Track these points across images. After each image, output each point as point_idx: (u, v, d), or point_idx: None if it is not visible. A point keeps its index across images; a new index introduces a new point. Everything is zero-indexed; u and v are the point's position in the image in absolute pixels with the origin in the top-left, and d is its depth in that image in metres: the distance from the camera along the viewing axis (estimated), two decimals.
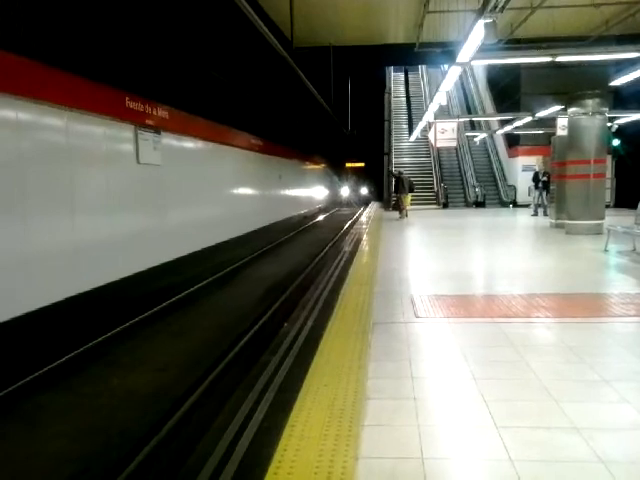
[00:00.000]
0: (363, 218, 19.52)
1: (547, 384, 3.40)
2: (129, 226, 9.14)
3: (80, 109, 7.79)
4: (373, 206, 25.73)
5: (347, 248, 10.66)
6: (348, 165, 39.14)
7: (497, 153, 26.27)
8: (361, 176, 38.99)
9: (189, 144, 11.96)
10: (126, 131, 9.20)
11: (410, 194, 18.73)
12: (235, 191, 15.35)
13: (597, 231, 11.50)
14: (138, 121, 9.46)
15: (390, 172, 23.08)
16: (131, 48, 9.42)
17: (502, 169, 25.37)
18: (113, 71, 8.72)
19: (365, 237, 12.80)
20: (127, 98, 9.07)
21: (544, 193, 17.28)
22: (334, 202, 36.20)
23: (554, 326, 4.86)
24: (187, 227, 11.44)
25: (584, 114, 11.66)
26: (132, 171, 9.38)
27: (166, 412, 4.52)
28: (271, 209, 19.32)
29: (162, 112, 10.33)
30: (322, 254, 13.22)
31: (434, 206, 23.84)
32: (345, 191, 39.27)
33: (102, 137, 8.47)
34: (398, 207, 18.55)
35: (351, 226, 17.74)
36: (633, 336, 4.61)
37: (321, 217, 24.25)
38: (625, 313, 5.20)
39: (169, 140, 10.77)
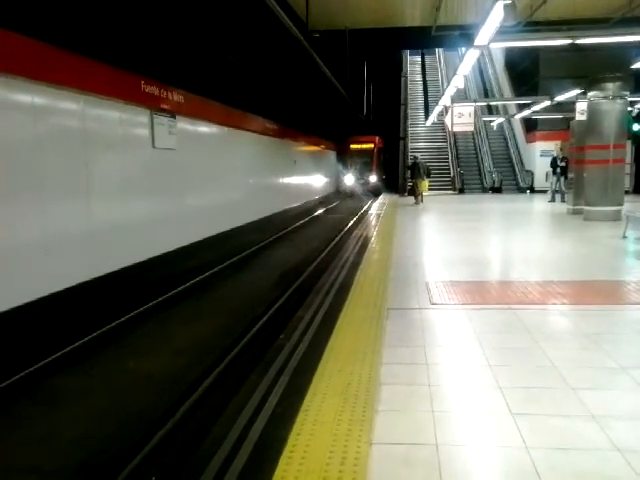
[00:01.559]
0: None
1: (563, 371, 3.37)
2: (145, 210, 9.19)
3: (96, 93, 7.81)
4: (386, 199, 22.41)
5: (361, 233, 10.63)
6: (353, 147, 30.61)
7: (514, 138, 25.93)
8: (370, 160, 30.01)
9: (204, 128, 11.96)
10: (142, 115, 9.22)
11: (427, 179, 18.58)
12: (245, 177, 15.31)
13: (615, 217, 11.33)
14: (154, 105, 9.47)
15: (407, 166, 22.41)
16: (146, 32, 9.39)
17: (519, 154, 25.04)
18: (129, 55, 8.72)
19: (379, 223, 12.75)
20: (143, 82, 9.07)
21: (562, 179, 17.06)
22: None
23: (571, 313, 4.82)
24: (201, 212, 11.47)
25: (604, 98, 11.46)
26: (148, 155, 9.41)
27: (181, 395, 4.56)
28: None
29: (177, 96, 10.33)
30: (339, 236, 13.20)
31: (450, 191, 23.66)
32: (349, 179, 30.40)
33: (118, 121, 8.50)
34: (414, 192, 18.46)
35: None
36: None
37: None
38: None
39: (184, 124, 10.78)
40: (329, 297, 5.42)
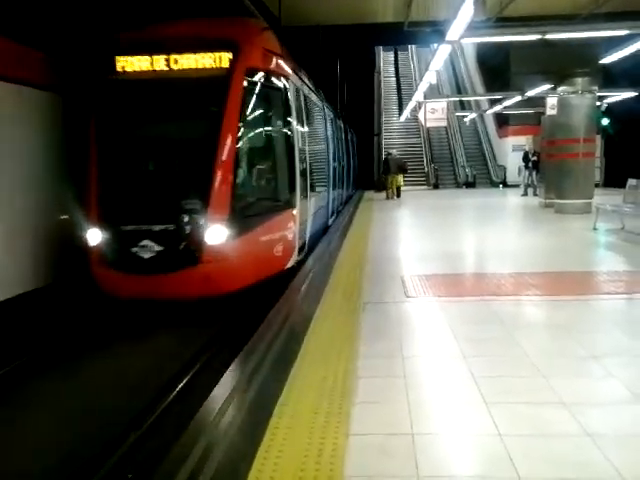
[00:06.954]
0: None
1: (536, 361, 3.42)
2: None
3: None
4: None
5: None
6: (123, 68, 6.01)
7: (487, 133, 26.21)
8: (213, 130, 5.71)
9: None
10: None
11: (401, 175, 18.53)
12: None
13: (586, 210, 11.54)
14: None
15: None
16: None
17: (492, 149, 25.34)
18: None
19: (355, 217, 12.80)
20: None
21: (534, 173, 17.31)
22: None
23: (543, 304, 4.91)
24: None
25: (573, 93, 11.66)
26: None
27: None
28: None
29: None
30: None
31: (425, 187, 23.84)
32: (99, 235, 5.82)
33: None
34: (385, 187, 18.55)
35: None
36: (621, 313, 4.67)
37: None
38: (613, 290, 5.25)
39: None
40: (307, 291, 5.39)
